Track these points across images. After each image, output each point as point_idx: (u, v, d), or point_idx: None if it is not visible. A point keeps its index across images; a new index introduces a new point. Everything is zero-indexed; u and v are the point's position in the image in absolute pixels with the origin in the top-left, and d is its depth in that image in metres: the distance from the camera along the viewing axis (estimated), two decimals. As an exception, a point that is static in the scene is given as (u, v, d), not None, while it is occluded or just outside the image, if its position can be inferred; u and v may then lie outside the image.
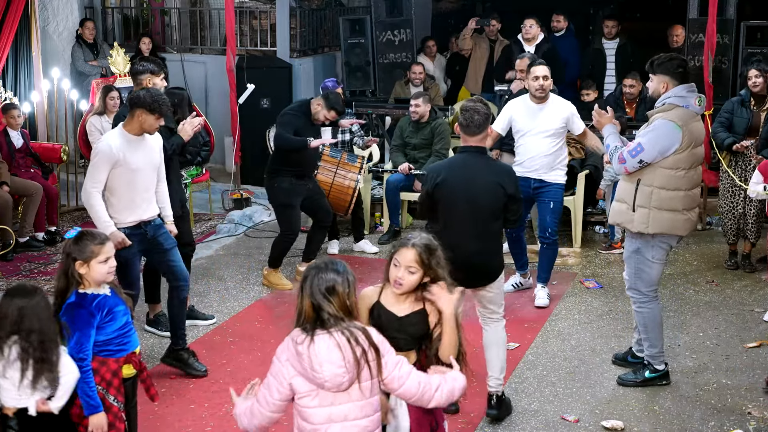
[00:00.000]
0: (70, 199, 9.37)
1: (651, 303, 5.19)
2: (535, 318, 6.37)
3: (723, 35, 9.29)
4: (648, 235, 5.00)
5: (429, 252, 3.47)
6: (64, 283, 3.78)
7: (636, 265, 5.13)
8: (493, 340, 4.88)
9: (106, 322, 3.77)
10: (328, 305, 3.06)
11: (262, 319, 6.36)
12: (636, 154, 4.88)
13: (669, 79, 4.96)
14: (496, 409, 4.86)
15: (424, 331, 3.54)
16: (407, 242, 3.50)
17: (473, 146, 4.68)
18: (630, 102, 8.49)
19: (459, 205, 4.60)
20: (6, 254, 7.57)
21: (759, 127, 7.09)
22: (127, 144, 5.16)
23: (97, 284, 3.78)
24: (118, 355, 3.84)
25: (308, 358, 3.04)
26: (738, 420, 4.87)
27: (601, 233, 8.36)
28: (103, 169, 5.11)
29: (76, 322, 3.70)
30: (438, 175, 4.65)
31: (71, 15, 11.04)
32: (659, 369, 5.26)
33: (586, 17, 12.42)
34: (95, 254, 3.73)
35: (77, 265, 3.73)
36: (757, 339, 5.94)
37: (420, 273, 3.47)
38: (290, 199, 6.90)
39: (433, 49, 11.10)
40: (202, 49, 11.59)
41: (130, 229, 5.24)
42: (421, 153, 8.30)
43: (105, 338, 3.77)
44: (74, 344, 3.69)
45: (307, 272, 3.15)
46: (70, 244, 3.78)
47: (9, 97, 8.95)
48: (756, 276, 7.19)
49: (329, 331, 3.05)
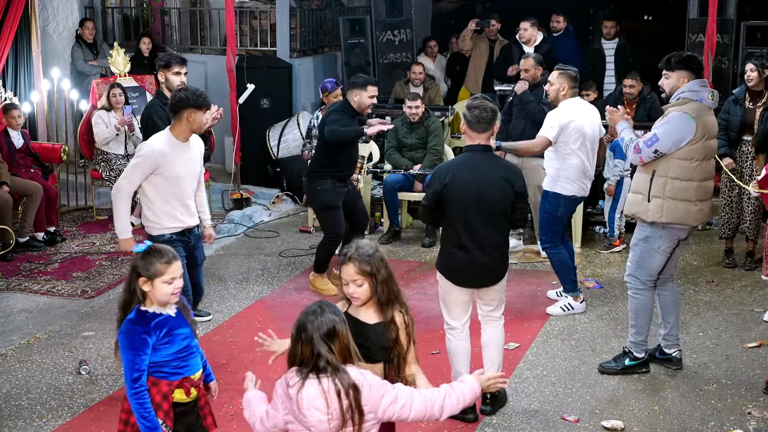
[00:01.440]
0: (70, 199, 9.38)
1: (646, 291, 5.32)
2: (535, 318, 6.37)
3: (723, 35, 9.29)
4: (660, 225, 5.11)
5: (368, 260, 3.51)
6: (127, 298, 3.64)
7: (640, 253, 5.25)
8: (492, 340, 4.93)
9: (163, 344, 3.59)
10: (327, 352, 3.05)
11: (262, 319, 6.36)
12: (651, 144, 5.01)
13: (688, 73, 5.09)
14: (490, 405, 4.96)
15: (390, 343, 3.57)
16: (344, 258, 3.55)
17: (480, 145, 4.68)
18: (630, 102, 8.49)
19: (468, 204, 4.61)
20: (6, 254, 7.57)
21: (753, 123, 7.10)
22: (172, 150, 5.11)
23: (160, 304, 3.62)
24: (172, 378, 3.65)
25: (297, 402, 3.06)
26: (738, 420, 4.87)
27: (601, 233, 8.36)
28: (141, 170, 5.07)
29: (132, 341, 3.55)
30: (446, 174, 4.64)
31: (71, 15, 11.05)
32: (639, 357, 5.39)
33: (586, 17, 12.42)
34: (160, 273, 3.57)
35: (141, 281, 3.58)
36: (757, 339, 5.95)
37: (368, 281, 3.51)
38: (333, 200, 6.77)
39: (434, 49, 11.11)
40: (202, 49, 11.60)
41: (176, 234, 5.22)
42: (418, 153, 8.35)
43: (160, 359, 3.60)
44: (127, 364, 3.54)
45: (304, 318, 3.11)
46: (137, 259, 3.63)
47: (9, 97, 8.96)
48: (756, 276, 7.18)
49: (319, 378, 3.05)
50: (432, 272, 7.41)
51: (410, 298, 6.80)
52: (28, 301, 6.72)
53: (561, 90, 6.26)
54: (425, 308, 6.54)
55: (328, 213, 6.82)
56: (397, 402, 3.16)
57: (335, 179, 6.75)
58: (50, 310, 6.53)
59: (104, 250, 7.99)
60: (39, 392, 5.26)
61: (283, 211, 9.37)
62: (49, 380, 5.41)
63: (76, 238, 8.38)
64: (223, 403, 5.04)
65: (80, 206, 9.41)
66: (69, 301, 6.74)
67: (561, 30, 10.15)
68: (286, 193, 9.72)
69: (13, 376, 5.46)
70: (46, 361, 5.69)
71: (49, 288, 6.99)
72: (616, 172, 7.82)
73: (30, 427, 4.85)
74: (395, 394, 3.17)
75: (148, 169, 5.07)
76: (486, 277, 4.77)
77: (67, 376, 5.47)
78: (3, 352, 5.80)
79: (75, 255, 7.84)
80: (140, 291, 3.59)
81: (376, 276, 3.51)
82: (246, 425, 4.79)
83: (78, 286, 7.04)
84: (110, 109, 8.61)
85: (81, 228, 8.74)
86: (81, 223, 8.93)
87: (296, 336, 3.11)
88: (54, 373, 5.52)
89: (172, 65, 6.20)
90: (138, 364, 3.53)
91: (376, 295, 3.53)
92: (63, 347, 5.90)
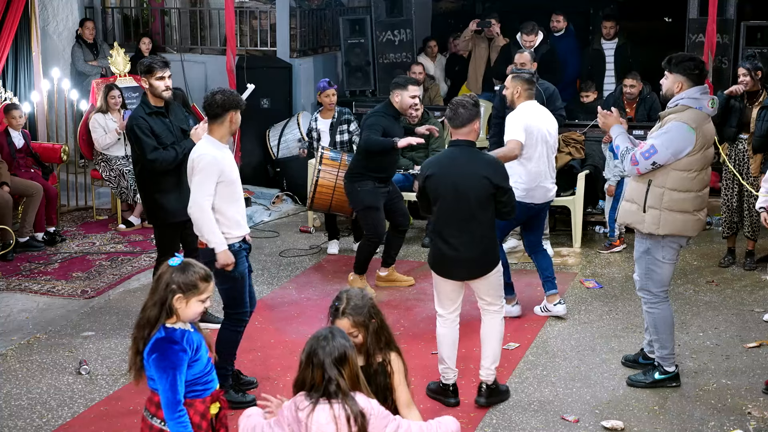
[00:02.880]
0: (70, 199, 9.38)
1: (662, 304, 5.17)
2: (535, 318, 6.36)
3: (723, 35, 9.28)
4: (658, 236, 5.00)
5: (359, 311, 3.54)
6: (156, 314, 3.41)
7: (647, 266, 5.12)
8: (490, 333, 5.02)
9: (195, 360, 3.44)
10: (338, 377, 3.07)
11: (262, 319, 6.35)
12: (649, 156, 4.85)
13: (684, 79, 4.94)
14: (485, 397, 5.02)
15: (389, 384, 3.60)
16: (338, 313, 3.55)
17: (462, 140, 4.86)
18: (630, 102, 8.49)
19: (447, 198, 4.80)
20: (6, 254, 7.57)
21: (749, 121, 7.10)
22: (222, 154, 4.90)
23: (186, 320, 3.47)
24: (205, 395, 3.52)
25: (306, 426, 3.06)
26: (738, 420, 4.87)
27: (601, 233, 8.36)
28: (211, 179, 4.79)
29: (171, 360, 3.35)
30: (428, 169, 4.89)
31: (71, 15, 11.05)
32: (669, 371, 5.24)
33: (586, 17, 12.41)
34: (199, 291, 3.41)
35: (176, 298, 3.39)
36: (757, 339, 5.94)
37: (362, 332, 3.55)
38: (374, 201, 6.78)
39: (434, 49, 11.11)
40: (202, 49, 11.59)
41: (241, 243, 4.98)
42: (418, 153, 8.32)
43: (193, 378, 3.45)
44: (169, 386, 3.34)
45: (315, 343, 3.12)
46: (173, 273, 3.42)
47: (9, 97, 8.96)
48: (756, 276, 7.18)
49: (331, 403, 3.06)
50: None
51: (410, 298, 6.82)
52: (28, 301, 6.72)
53: (515, 93, 6.14)
54: (425, 308, 6.53)
55: (368, 213, 6.83)
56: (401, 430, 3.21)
57: (376, 180, 6.77)
58: (50, 310, 6.53)
59: (104, 250, 7.99)
60: (39, 392, 5.26)
61: (283, 211, 9.37)
62: (49, 380, 5.41)
63: (76, 238, 8.38)
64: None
65: (80, 206, 9.40)
66: (69, 301, 6.74)
67: (561, 30, 10.15)
68: (286, 193, 9.72)
69: (13, 376, 5.46)
70: (46, 361, 5.69)
71: (49, 288, 6.99)
72: (617, 173, 7.81)
73: (30, 427, 4.85)
74: (397, 424, 3.22)
75: (216, 175, 4.82)
76: (472, 270, 4.88)
77: (67, 376, 5.47)
78: (3, 352, 5.80)
79: (75, 255, 7.84)
80: (173, 308, 3.40)
81: (369, 327, 3.56)
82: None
83: (78, 286, 7.04)
84: (107, 111, 8.58)
85: (81, 228, 8.73)
86: (81, 223, 8.93)
87: (306, 361, 3.11)
88: (54, 373, 5.51)
89: (155, 70, 5.84)
90: (180, 384, 3.36)
91: (367, 345, 3.56)
92: (63, 347, 5.90)
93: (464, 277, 4.92)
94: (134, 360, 3.48)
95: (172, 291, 3.38)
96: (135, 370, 3.50)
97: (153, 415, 3.51)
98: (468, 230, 4.80)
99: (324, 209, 7.81)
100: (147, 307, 3.45)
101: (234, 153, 9.45)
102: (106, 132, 8.53)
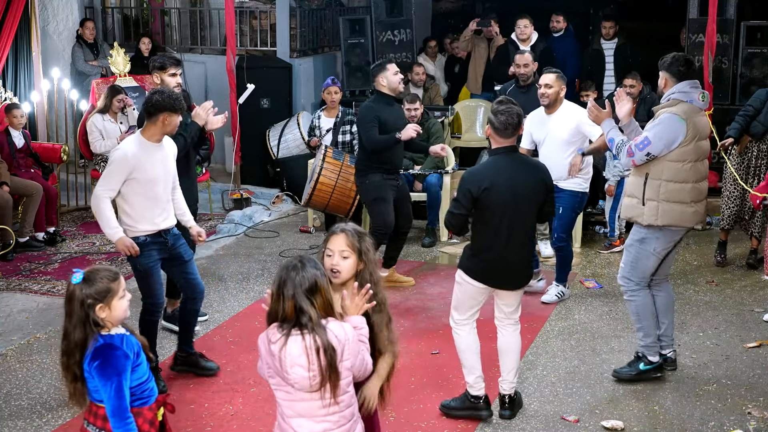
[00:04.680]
0: (70, 199, 9.38)
1: (642, 291, 5.29)
2: (535, 318, 6.36)
3: (723, 35, 9.28)
4: (656, 227, 5.10)
5: (359, 236, 3.50)
6: (82, 335, 3.27)
7: (635, 254, 5.23)
8: (510, 346, 4.90)
9: (137, 365, 3.29)
10: (310, 307, 3.04)
11: (262, 319, 6.31)
12: (643, 147, 5.01)
13: (669, 76, 5.13)
14: (509, 410, 4.92)
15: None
16: (336, 229, 3.51)
17: (509, 146, 4.71)
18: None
19: (508, 206, 4.61)
20: (6, 254, 7.57)
21: None
22: (144, 152, 5.01)
23: (117, 323, 3.32)
24: (151, 402, 3.37)
25: (279, 359, 3.06)
26: (738, 420, 4.87)
27: (601, 233, 8.36)
28: (118, 176, 4.95)
29: (114, 366, 3.20)
30: (483, 180, 4.60)
31: (71, 15, 11.05)
32: (653, 361, 5.31)
33: (586, 18, 12.42)
34: (114, 292, 3.28)
35: (98, 310, 3.25)
36: (757, 339, 5.95)
37: (353, 257, 3.46)
38: (382, 192, 6.77)
39: (434, 49, 11.12)
40: (202, 49, 11.60)
41: (150, 236, 5.09)
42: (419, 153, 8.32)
43: (137, 383, 3.29)
44: (115, 392, 3.19)
45: (285, 274, 3.08)
46: (80, 290, 3.25)
47: (9, 97, 8.96)
48: (756, 276, 7.19)
49: (303, 334, 3.04)
50: (432, 272, 7.44)
51: (410, 298, 6.82)
52: (28, 301, 6.72)
53: (561, 91, 6.60)
54: (425, 308, 6.53)
55: (376, 204, 6.80)
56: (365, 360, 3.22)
57: (384, 172, 6.78)
58: (50, 310, 6.53)
59: (104, 250, 7.99)
60: (39, 392, 5.26)
61: (283, 211, 9.37)
62: (49, 380, 5.41)
63: (76, 238, 8.38)
64: (223, 403, 5.04)
65: (80, 206, 9.41)
66: (69, 301, 6.74)
67: (561, 30, 10.15)
68: (286, 193, 9.72)
69: (13, 376, 5.46)
70: (46, 361, 5.69)
71: (49, 288, 6.99)
72: (617, 172, 7.83)
73: (30, 427, 4.85)
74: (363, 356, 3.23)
75: (124, 173, 4.94)
76: (520, 280, 4.82)
77: (67, 376, 5.46)
78: (3, 352, 5.80)
79: (75, 255, 7.84)
80: (98, 320, 3.25)
81: (363, 254, 3.47)
82: (246, 426, 4.81)
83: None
84: (105, 111, 8.58)
85: (81, 228, 8.74)
86: (81, 223, 8.94)
87: (277, 292, 3.08)
88: (54, 373, 5.51)
89: (168, 67, 6.06)
90: (125, 390, 3.21)
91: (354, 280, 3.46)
92: (63, 347, 5.89)
93: (515, 286, 4.80)
94: (73, 388, 3.33)
95: (90, 305, 3.25)
96: (77, 398, 3.34)
97: (101, 429, 3.32)
98: (519, 238, 4.68)
99: (321, 207, 7.81)
100: (68, 332, 3.30)
101: (234, 153, 9.48)
102: (102, 136, 8.52)
